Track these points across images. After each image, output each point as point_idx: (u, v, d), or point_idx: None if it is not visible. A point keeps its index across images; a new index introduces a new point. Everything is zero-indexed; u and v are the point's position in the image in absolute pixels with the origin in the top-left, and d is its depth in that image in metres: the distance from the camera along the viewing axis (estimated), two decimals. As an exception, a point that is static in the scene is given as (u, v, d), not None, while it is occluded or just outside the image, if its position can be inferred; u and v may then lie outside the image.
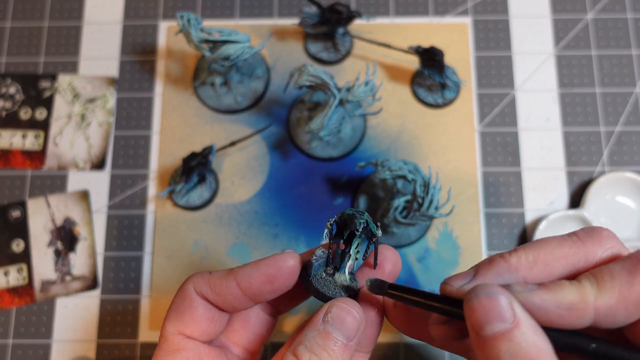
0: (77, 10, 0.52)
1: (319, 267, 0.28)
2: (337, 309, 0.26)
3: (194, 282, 0.28)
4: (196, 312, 0.28)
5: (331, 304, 0.27)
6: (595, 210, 0.44)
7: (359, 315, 0.26)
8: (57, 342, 0.44)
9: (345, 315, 0.26)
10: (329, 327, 0.26)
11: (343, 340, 0.25)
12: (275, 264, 0.27)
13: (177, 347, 0.27)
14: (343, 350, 0.25)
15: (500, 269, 0.24)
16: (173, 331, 0.28)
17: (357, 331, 0.26)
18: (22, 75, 0.50)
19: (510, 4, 0.50)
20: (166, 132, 0.48)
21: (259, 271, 0.27)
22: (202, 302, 0.28)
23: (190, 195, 0.46)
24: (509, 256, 0.25)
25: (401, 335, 0.43)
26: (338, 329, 0.26)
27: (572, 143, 0.47)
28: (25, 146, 0.48)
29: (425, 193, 0.40)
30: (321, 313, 0.26)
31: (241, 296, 0.27)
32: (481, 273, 0.25)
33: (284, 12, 0.51)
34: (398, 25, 0.50)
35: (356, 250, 0.29)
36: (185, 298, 0.28)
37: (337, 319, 0.26)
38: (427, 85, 0.48)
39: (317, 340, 0.25)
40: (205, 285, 0.28)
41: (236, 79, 0.48)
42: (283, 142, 0.48)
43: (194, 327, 0.28)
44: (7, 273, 0.45)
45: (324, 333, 0.26)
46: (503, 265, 0.24)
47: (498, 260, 0.25)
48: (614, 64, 0.48)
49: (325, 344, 0.25)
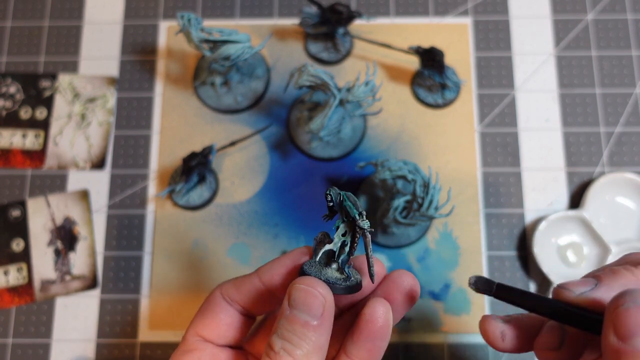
0: (78, 10, 0.52)
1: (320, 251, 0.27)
2: (296, 291, 0.25)
3: (221, 287, 0.29)
4: (217, 317, 0.28)
5: (290, 286, 0.26)
6: (595, 211, 0.44)
7: (320, 293, 0.25)
8: (57, 341, 0.44)
9: (306, 295, 0.25)
10: (294, 311, 0.25)
11: (310, 321, 0.25)
12: (294, 256, 0.28)
13: (192, 347, 0.28)
14: (314, 331, 0.25)
15: (627, 281, 0.23)
16: (192, 333, 0.29)
17: (322, 308, 0.25)
18: (22, 74, 0.50)
19: (510, 4, 0.50)
20: (166, 132, 0.48)
21: (280, 264, 0.28)
22: (226, 307, 0.29)
23: (190, 195, 0.46)
24: (635, 269, 0.23)
25: (401, 336, 0.43)
26: (302, 310, 0.25)
27: (572, 143, 0.47)
28: (25, 146, 0.48)
29: (425, 193, 0.40)
30: (286, 298, 0.26)
31: (265, 292, 0.28)
32: (606, 282, 0.23)
33: (284, 12, 0.51)
34: (398, 25, 0.50)
35: (342, 238, 0.27)
36: (210, 303, 0.29)
37: (299, 300, 0.25)
38: (427, 85, 0.48)
39: (286, 327, 0.25)
40: (232, 287, 0.29)
41: (236, 79, 0.48)
42: (283, 142, 0.48)
43: (211, 330, 0.28)
44: (7, 272, 0.45)
45: (290, 317, 0.25)
46: (630, 277, 0.23)
47: (623, 272, 0.24)
48: (614, 64, 0.48)
49: (294, 329, 0.25)
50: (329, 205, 0.28)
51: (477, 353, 0.43)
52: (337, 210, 0.28)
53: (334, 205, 0.27)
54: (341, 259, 0.27)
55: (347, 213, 0.27)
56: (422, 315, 0.43)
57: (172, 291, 0.45)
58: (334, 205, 0.27)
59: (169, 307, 0.44)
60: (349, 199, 0.27)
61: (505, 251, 0.45)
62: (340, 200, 0.27)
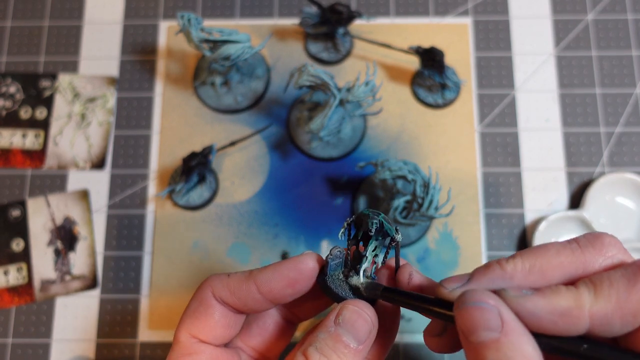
0: (78, 9, 0.52)
1: (335, 267, 0.28)
2: (348, 312, 0.26)
3: (212, 285, 0.28)
4: (212, 319, 0.28)
5: (342, 305, 0.26)
6: (595, 211, 0.44)
7: (370, 319, 0.26)
8: (57, 341, 0.44)
9: (357, 318, 0.25)
10: (340, 330, 0.25)
11: (354, 344, 0.25)
12: (297, 267, 0.27)
13: (189, 350, 0.27)
14: (354, 354, 0.25)
15: (494, 276, 0.24)
16: (187, 335, 0.28)
17: (368, 335, 0.25)
18: (22, 74, 0.50)
19: (510, 4, 0.50)
20: (166, 132, 0.48)
21: (280, 275, 0.27)
22: (219, 307, 0.28)
23: (190, 195, 0.46)
24: (505, 263, 0.24)
25: (401, 336, 0.43)
26: (349, 331, 0.25)
27: (572, 144, 0.47)
28: (25, 145, 0.48)
29: (425, 193, 0.40)
30: (333, 314, 0.26)
31: (262, 300, 0.27)
32: (476, 278, 0.24)
33: (284, 12, 0.51)
34: (398, 25, 0.50)
35: (373, 253, 0.28)
36: (202, 303, 0.28)
37: (349, 321, 0.25)
38: (427, 85, 0.48)
39: (328, 342, 0.25)
40: (225, 289, 0.27)
41: (236, 78, 0.48)
42: (283, 142, 0.48)
43: (208, 332, 0.28)
44: (6, 272, 0.45)
45: (334, 335, 0.25)
46: (498, 271, 0.24)
47: (494, 266, 0.24)
48: (614, 64, 0.48)
49: (335, 347, 0.25)
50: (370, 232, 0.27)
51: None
52: (377, 236, 0.28)
53: (378, 236, 0.27)
54: (372, 271, 0.28)
55: (384, 234, 0.27)
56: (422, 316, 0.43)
57: (172, 291, 0.45)
58: (378, 236, 0.28)
59: (169, 307, 0.44)
60: (386, 221, 0.27)
61: (505, 251, 0.45)
62: (380, 225, 0.27)
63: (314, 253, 0.28)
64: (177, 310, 0.44)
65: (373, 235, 0.27)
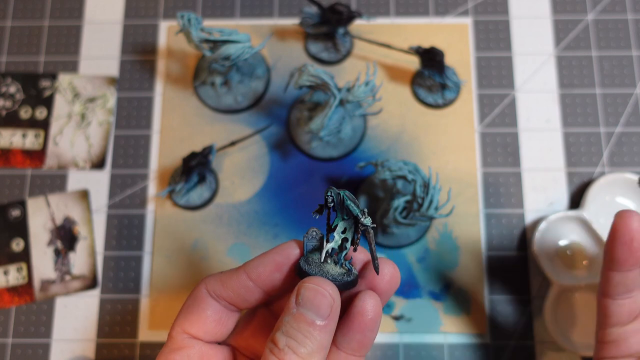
0: (78, 9, 0.52)
1: (311, 248, 0.28)
2: (306, 290, 0.25)
3: (206, 282, 0.28)
4: (203, 313, 0.28)
5: (299, 285, 0.26)
6: (595, 211, 0.44)
7: (329, 293, 0.25)
8: (57, 341, 0.44)
9: (315, 294, 0.25)
10: (301, 309, 0.25)
11: (317, 320, 0.25)
12: (283, 251, 0.28)
13: (180, 345, 0.28)
14: (319, 331, 0.25)
15: None
16: (179, 330, 0.28)
17: (330, 309, 0.25)
18: (22, 74, 0.50)
19: (510, 4, 0.50)
20: (166, 132, 0.48)
21: (267, 260, 0.28)
22: (212, 303, 0.28)
23: (190, 195, 0.46)
24: None
25: (401, 335, 0.43)
26: (309, 309, 0.25)
27: (572, 144, 0.47)
28: (25, 145, 0.48)
29: (425, 193, 0.40)
30: (293, 295, 0.26)
31: (253, 288, 0.28)
32: None
33: (284, 12, 0.51)
34: (398, 25, 0.50)
35: (342, 235, 0.28)
36: (196, 299, 0.28)
37: (308, 299, 0.25)
38: (428, 85, 0.48)
39: (292, 324, 0.25)
40: (217, 283, 0.28)
41: (236, 78, 0.48)
42: (283, 142, 0.48)
43: (199, 327, 0.28)
44: (6, 272, 0.45)
45: (297, 315, 0.25)
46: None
47: None
48: (614, 65, 0.48)
49: (299, 327, 0.25)
50: (328, 205, 0.27)
51: (477, 353, 0.43)
52: (337, 209, 0.28)
53: (334, 205, 0.27)
54: (343, 256, 0.28)
55: (348, 212, 0.27)
56: (422, 315, 0.43)
57: (172, 291, 0.45)
58: (335, 206, 0.27)
59: (168, 307, 0.44)
60: (349, 198, 0.27)
61: (505, 251, 0.45)
62: (340, 199, 0.27)
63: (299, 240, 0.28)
64: (177, 310, 0.44)
65: (337, 211, 0.27)
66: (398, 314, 0.44)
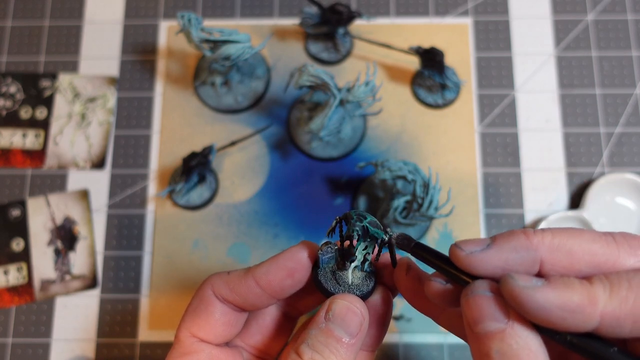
0: (78, 9, 0.52)
1: (327, 261, 0.27)
2: (337, 306, 0.25)
3: (213, 284, 0.28)
4: (212, 317, 0.27)
5: (331, 300, 0.26)
6: (595, 212, 0.44)
7: (360, 312, 0.25)
8: (57, 341, 0.44)
9: (347, 311, 0.25)
10: (331, 325, 0.25)
11: (346, 338, 0.25)
12: (294, 256, 0.27)
13: (189, 349, 0.27)
14: (346, 348, 0.25)
15: (518, 244, 0.23)
16: (187, 334, 0.27)
17: (359, 328, 0.25)
18: (22, 74, 0.50)
19: (510, 4, 0.50)
20: (166, 132, 0.48)
21: (278, 266, 0.27)
22: (220, 305, 0.28)
23: (190, 195, 0.46)
24: (532, 234, 0.23)
25: (401, 336, 0.43)
26: (340, 326, 0.25)
27: (572, 144, 0.47)
28: (25, 145, 0.48)
29: (425, 194, 0.40)
30: (323, 310, 0.26)
31: (262, 294, 0.27)
32: (498, 243, 0.23)
33: (284, 12, 0.51)
34: (398, 25, 0.50)
35: (364, 252, 0.28)
36: (203, 301, 0.28)
37: (339, 315, 0.25)
38: (428, 85, 0.48)
39: (320, 338, 0.25)
40: (224, 286, 0.27)
41: (237, 78, 0.48)
42: (283, 142, 0.48)
43: (208, 331, 0.27)
44: (6, 272, 0.45)
45: (326, 330, 0.25)
46: (523, 241, 0.23)
47: (519, 235, 0.23)
48: (614, 65, 0.48)
49: (327, 342, 0.25)
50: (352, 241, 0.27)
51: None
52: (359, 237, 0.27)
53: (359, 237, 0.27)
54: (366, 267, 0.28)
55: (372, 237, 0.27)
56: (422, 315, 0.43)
57: (172, 291, 0.45)
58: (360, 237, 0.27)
59: (168, 306, 0.44)
60: (373, 225, 0.27)
61: (505, 251, 0.45)
62: (365, 230, 0.27)
63: (311, 242, 0.28)
64: (177, 310, 0.44)
65: (359, 239, 0.27)
66: (398, 314, 0.44)
